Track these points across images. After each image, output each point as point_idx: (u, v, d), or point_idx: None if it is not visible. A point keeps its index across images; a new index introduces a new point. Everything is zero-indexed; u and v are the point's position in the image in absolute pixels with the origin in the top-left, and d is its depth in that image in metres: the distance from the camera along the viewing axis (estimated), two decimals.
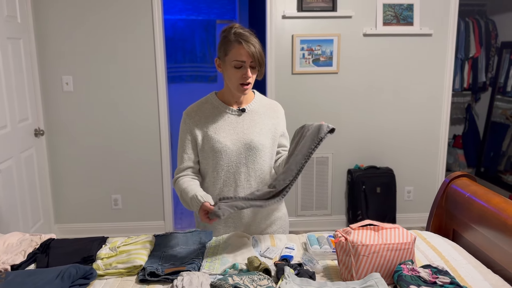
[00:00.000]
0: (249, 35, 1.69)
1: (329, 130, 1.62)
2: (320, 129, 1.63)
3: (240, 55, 1.66)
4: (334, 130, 1.64)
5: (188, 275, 1.41)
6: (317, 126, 1.65)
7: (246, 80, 1.71)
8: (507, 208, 1.61)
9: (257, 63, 1.69)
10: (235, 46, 1.67)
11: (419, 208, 3.92)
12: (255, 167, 1.80)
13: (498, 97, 4.60)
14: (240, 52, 1.66)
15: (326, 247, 1.67)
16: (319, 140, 1.62)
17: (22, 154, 3.21)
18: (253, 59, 1.67)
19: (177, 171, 1.84)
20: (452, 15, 3.62)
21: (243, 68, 1.68)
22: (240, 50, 1.66)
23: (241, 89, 1.73)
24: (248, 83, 1.72)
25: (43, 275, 1.40)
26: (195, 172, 1.84)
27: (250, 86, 1.75)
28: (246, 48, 1.65)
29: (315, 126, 1.66)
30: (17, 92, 3.15)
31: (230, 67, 1.70)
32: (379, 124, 3.77)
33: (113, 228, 3.77)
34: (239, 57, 1.67)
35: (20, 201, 3.14)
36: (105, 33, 3.51)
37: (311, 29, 3.58)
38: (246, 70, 1.68)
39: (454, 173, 2.03)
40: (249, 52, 1.65)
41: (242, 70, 1.69)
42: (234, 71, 1.70)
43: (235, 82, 1.72)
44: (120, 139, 3.67)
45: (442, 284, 1.36)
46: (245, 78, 1.70)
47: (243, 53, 1.66)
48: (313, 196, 3.84)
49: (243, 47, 1.65)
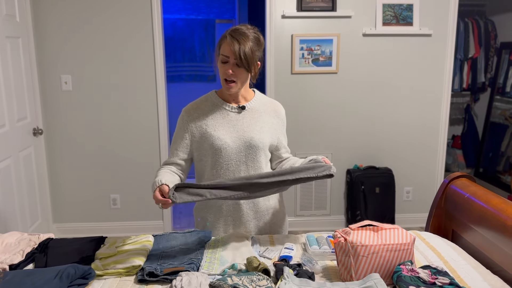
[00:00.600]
0: (244, 33, 1.65)
1: (328, 174, 1.64)
2: (323, 168, 1.63)
3: (225, 50, 1.66)
4: (332, 176, 1.65)
5: (187, 275, 1.41)
6: (323, 166, 1.65)
7: (227, 76, 1.68)
8: (507, 209, 1.61)
9: (240, 61, 1.64)
10: (224, 41, 1.67)
11: (418, 209, 3.92)
12: (255, 165, 1.79)
13: (497, 97, 4.61)
14: (226, 46, 1.66)
15: (325, 247, 1.67)
16: (314, 177, 1.62)
17: (21, 153, 3.21)
18: (235, 57, 1.64)
19: (163, 163, 1.83)
20: (451, 15, 3.62)
21: (228, 63, 1.67)
22: (226, 45, 1.65)
23: (225, 86, 1.71)
24: (231, 80, 1.69)
25: (42, 275, 1.40)
26: (180, 169, 1.81)
27: (235, 85, 1.71)
28: (230, 43, 1.63)
29: (321, 165, 1.65)
30: (16, 91, 3.15)
31: (219, 62, 1.70)
32: (379, 124, 3.77)
33: (112, 228, 3.76)
34: (224, 51, 1.66)
35: (18, 201, 3.13)
36: (104, 32, 3.50)
37: (310, 29, 3.58)
38: (228, 66, 1.67)
39: (453, 174, 2.02)
40: (231, 49, 1.63)
41: (226, 65, 1.68)
42: (220, 65, 1.70)
43: (221, 78, 1.71)
44: (119, 139, 3.67)
45: (441, 284, 1.36)
46: (226, 74, 1.68)
47: (228, 47, 1.65)
48: (312, 196, 3.84)
49: (228, 41, 1.64)
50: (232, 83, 1.70)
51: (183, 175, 1.83)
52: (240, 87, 1.73)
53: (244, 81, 1.73)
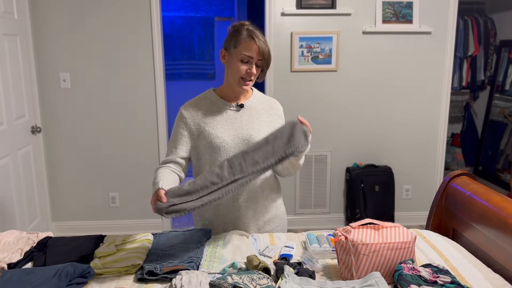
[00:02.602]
0: (260, 34, 1.70)
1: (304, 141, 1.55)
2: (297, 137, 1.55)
3: (250, 49, 1.67)
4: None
5: (187, 274, 1.40)
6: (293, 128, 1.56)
7: (250, 76, 1.71)
8: (508, 207, 1.61)
9: (265, 62, 1.70)
10: (247, 40, 1.67)
11: (417, 207, 3.92)
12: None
13: (496, 95, 4.60)
14: (251, 46, 1.67)
15: (326, 246, 1.67)
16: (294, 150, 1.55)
17: (19, 152, 3.19)
18: (261, 57, 1.68)
19: (162, 162, 1.82)
20: (451, 13, 3.61)
21: (249, 63, 1.69)
22: (251, 45, 1.67)
23: (241, 84, 1.72)
24: (250, 80, 1.72)
25: (40, 274, 1.39)
26: (179, 167, 1.80)
27: (251, 83, 1.75)
28: (258, 44, 1.66)
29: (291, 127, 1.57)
30: (14, 89, 3.13)
31: (237, 60, 1.70)
32: (378, 122, 3.76)
33: (111, 226, 3.75)
34: (249, 51, 1.67)
35: (16, 199, 3.12)
36: (103, 30, 3.48)
37: (310, 27, 3.57)
38: (252, 66, 1.69)
39: (454, 172, 2.02)
40: (260, 49, 1.66)
41: (247, 65, 1.69)
42: (239, 64, 1.69)
43: (237, 76, 1.71)
44: (117, 137, 3.65)
45: (443, 283, 1.35)
46: (250, 74, 1.70)
47: (253, 48, 1.67)
48: (311, 194, 3.84)
49: (255, 43, 1.66)
50: (249, 82, 1.73)
51: (182, 173, 1.82)
52: (252, 84, 1.77)
53: (255, 79, 1.76)
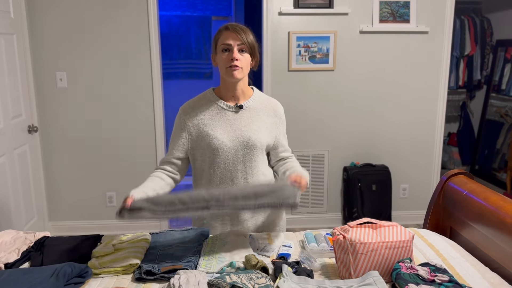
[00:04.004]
0: (241, 26, 1.73)
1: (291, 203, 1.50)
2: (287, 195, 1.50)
3: (227, 38, 1.70)
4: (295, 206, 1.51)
5: (185, 274, 1.40)
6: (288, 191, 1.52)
7: (233, 61, 1.69)
8: (505, 206, 1.61)
9: (248, 47, 1.71)
10: (223, 32, 1.72)
11: (414, 206, 3.93)
12: (252, 165, 1.79)
13: (492, 95, 4.62)
14: (227, 35, 1.70)
15: (324, 245, 1.67)
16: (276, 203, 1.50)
17: (16, 151, 3.18)
18: (241, 41, 1.69)
19: (160, 162, 1.85)
20: (448, 13, 3.62)
21: (230, 51, 1.70)
22: (227, 34, 1.70)
23: (230, 73, 1.70)
24: (235, 66, 1.69)
25: (38, 274, 1.39)
26: (175, 168, 1.82)
27: (240, 70, 1.70)
28: (232, 31, 1.69)
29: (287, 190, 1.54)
30: (10, 88, 3.12)
31: (220, 53, 1.72)
32: (375, 122, 3.77)
33: (108, 226, 3.74)
34: (226, 40, 1.70)
35: (13, 199, 3.11)
36: (99, 29, 3.47)
37: (307, 26, 3.57)
38: (233, 52, 1.69)
39: (451, 171, 2.02)
40: (235, 35, 1.69)
41: (229, 54, 1.69)
42: (222, 55, 1.71)
43: (224, 67, 1.71)
44: (114, 136, 3.64)
45: (440, 282, 1.35)
46: (232, 59, 1.69)
47: (230, 36, 1.69)
48: (309, 193, 3.84)
49: (230, 31, 1.70)
50: (236, 68, 1.70)
51: (177, 175, 1.83)
52: (244, 73, 1.74)
53: (247, 66, 1.74)
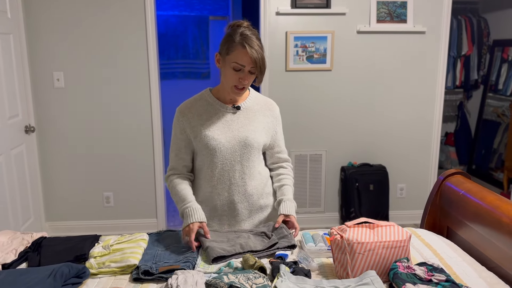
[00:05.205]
0: (255, 39, 1.64)
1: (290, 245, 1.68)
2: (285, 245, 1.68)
3: (242, 59, 1.63)
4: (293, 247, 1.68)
5: (182, 274, 1.40)
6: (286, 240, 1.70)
7: (242, 85, 1.68)
8: (501, 205, 1.62)
9: (258, 70, 1.65)
10: (238, 49, 1.63)
11: (411, 205, 3.94)
12: (249, 165, 1.80)
13: (489, 95, 4.63)
14: (242, 56, 1.62)
15: (321, 245, 1.67)
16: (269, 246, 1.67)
17: (12, 151, 3.17)
18: (254, 65, 1.63)
19: (170, 168, 1.85)
20: (445, 13, 3.63)
21: (242, 72, 1.65)
22: (243, 54, 1.62)
23: (235, 91, 1.71)
24: (243, 87, 1.70)
25: (35, 274, 1.38)
26: (188, 170, 1.86)
27: (245, 90, 1.73)
28: (250, 53, 1.61)
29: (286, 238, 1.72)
30: (7, 88, 3.11)
31: (229, 67, 1.67)
32: (372, 122, 3.78)
33: (105, 226, 3.74)
34: (240, 60, 1.63)
35: (10, 199, 3.10)
36: (97, 29, 3.46)
37: (305, 26, 3.57)
38: (244, 75, 1.66)
39: (448, 171, 2.03)
40: (251, 58, 1.61)
41: (240, 74, 1.66)
42: (232, 72, 1.67)
43: (230, 83, 1.69)
44: (112, 136, 3.64)
45: (437, 281, 1.36)
46: (242, 83, 1.67)
47: (245, 57, 1.62)
48: (306, 193, 3.84)
49: (247, 52, 1.61)
50: (242, 89, 1.71)
51: (192, 177, 1.88)
52: (246, 90, 1.76)
53: (249, 85, 1.74)
